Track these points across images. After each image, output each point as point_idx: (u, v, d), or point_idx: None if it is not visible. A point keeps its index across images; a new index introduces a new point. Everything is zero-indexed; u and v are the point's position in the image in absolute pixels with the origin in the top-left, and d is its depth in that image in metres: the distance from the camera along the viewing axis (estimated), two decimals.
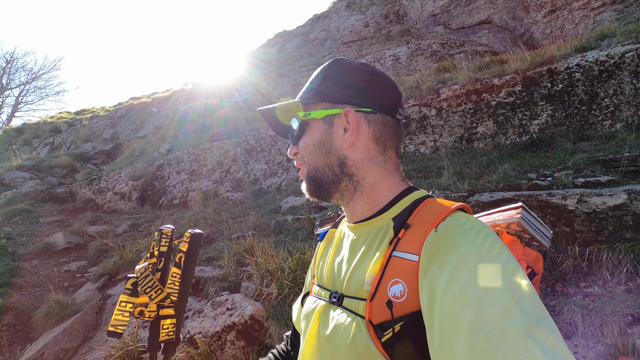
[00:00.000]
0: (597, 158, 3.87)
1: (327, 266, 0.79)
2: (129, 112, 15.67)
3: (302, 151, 0.77)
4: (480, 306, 0.46)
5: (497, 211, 0.83)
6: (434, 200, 0.69)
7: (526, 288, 0.48)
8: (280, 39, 17.50)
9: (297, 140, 0.78)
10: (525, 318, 0.44)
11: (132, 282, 0.85)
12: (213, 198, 6.55)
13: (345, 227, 0.81)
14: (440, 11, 11.93)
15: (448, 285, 0.51)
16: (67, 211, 7.58)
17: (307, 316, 0.77)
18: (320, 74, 0.77)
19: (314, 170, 0.75)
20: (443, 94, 5.67)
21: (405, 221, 0.66)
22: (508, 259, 0.53)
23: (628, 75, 4.69)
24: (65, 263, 4.99)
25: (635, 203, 3.06)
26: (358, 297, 0.65)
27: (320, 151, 0.73)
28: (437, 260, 0.56)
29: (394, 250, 0.63)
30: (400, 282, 0.60)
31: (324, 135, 0.73)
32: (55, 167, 10.17)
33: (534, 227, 0.79)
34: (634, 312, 2.33)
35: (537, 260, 0.76)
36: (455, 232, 0.58)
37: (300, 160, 0.78)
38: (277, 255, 3.07)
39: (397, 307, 0.58)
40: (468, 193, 3.80)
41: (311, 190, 0.77)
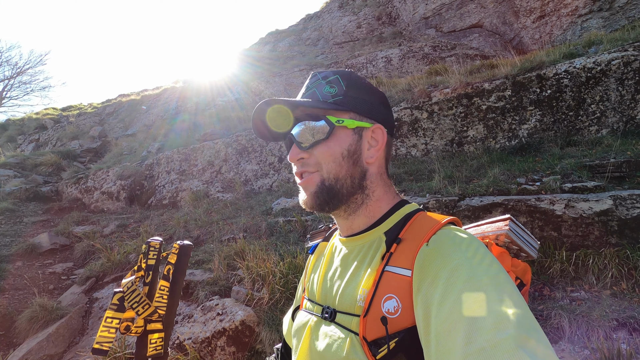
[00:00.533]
0: (583, 163, 3.95)
1: (318, 280, 0.78)
2: (117, 109, 15.41)
3: (320, 157, 0.70)
4: (473, 319, 0.47)
5: (485, 223, 0.84)
6: (424, 214, 0.70)
7: (517, 299, 0.49)
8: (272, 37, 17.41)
9: (313, 145, 0.71)
10: (517, 329, 0.44)
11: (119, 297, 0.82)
12: (203, 199, 6.48)
13: (337, 241, 0.81)
14: (432, 14, 12.02)
15: (442, 299, 0.52)
16: (53, 211, 7.41)
17: (298, 331, 0.76)
18: (341, 81, 0.74)
19: (335, 179, 0.70)
20: (434, 97, 5.71)
21: (397, 235, 0.66)
22: (498, 271, 0.54)
23: (614, 82, 4.79)
24: (51, 265, 4.88)
25: (620, 209, 3.13)
26: (351, 312, 0.64)
27: (348, 161, 0.71)
28: (430, 274, 0.56)
29: (387, 265, 0.63)
30: (393, 297, 0.60)
31: (354, 146, 0.72)
32: (41, 165, 9.94)
33: (522, 238, 0.80)
34: (619, 317, 2.38)
35: (525, 271, 0.77)
36: (447, 245, 0.59)
37: (310, 167, 0.71)
38: (269, 259, 3.05)
39: (391, 323, 0.58)
40: (459, 197, 3.83)
41: (319, 201, 0.71)
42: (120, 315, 0.82)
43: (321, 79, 0.75)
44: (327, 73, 0.76)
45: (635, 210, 3.08)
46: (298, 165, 0.73)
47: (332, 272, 0.75)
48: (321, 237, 0.93)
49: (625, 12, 7.72)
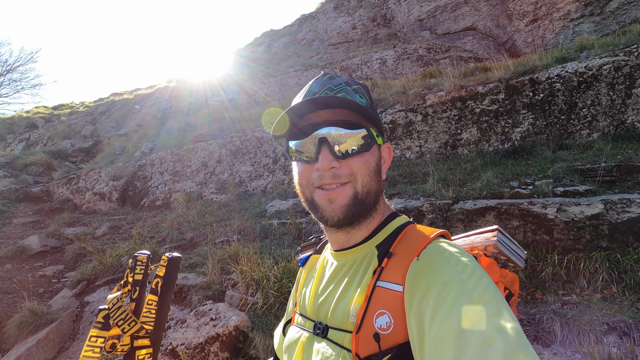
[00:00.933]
0: (575, 167, 3.99)
1: (310, 295, 0.77)
2: (109, 108, 15.24)
3: (356, 169, 0.67)
4: (462, 334, 0.47)
5: (474, 233, 0.85)
6: (414, 227, 0.71)
7: (506, 313, 0.50)
8: (267, 38, 17.36)
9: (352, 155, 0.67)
10: (506, 344, 0.44)
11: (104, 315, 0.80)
12: (197, 200, 6.44)
13: (329, 255, 0.80)
14: (427, 16, 12.08)
15: (433, 314, 0.52)
16: (43, 211, 7.30)
17: (290, 347, 0.75)
18: (366, 93, 0.73)
19: (367, 193, 0.68)
20: (429, 99, 5.74)
21: (388, 249, 0.66)
22: (488, 285, 0.54)
23: (605, 87, 4.86)
24: (41, 267, 4.81)
25: (611, 213, 3.17)
26: (343, 329, 0.64)
27: (377, 176, 0.71)
28: (421, 289, 0.56)
29: (378, 280, 0.63)
30: (386, 313, 0.59)
31: (379, 162, 0.73)
32: (31, 165, 9.79)
33: (510, 249, 0.81)
34: (609, 321, 2.41)
35: (513, 282, 0.78)
36: (437, 260, 0.59)
37: (342, 178, 0.67)
38: (263, 263, 3.04)
39: (384, 339, 0.58)
40: (452, 200, 3.85)
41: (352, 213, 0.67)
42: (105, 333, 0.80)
43: (345, 85, 0.71)
44: (347, 80, 0.73)
45: (626, 214, 3.12)
46: (328, 175, 0.67)
47: (324, 286, 0.74)
48: (312, 249, 0.91)
49: (616, 17, 7.84)
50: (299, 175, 0.72)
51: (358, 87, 0.72)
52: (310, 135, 0.69)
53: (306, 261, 0.89)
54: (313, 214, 0.72)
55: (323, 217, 0.69)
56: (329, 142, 0.67)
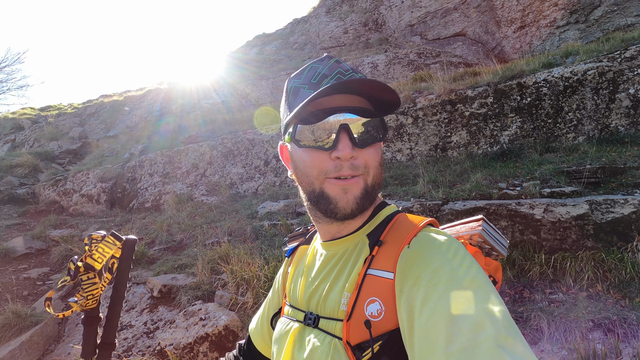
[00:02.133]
0: (561, 169, 4.08)
1: (300, 286, 0.77)
2: (99, 110, 15.05)
3: (369, 162, 0.65)
4: (453, 320, 0.48)
5: (460, 223, 0.86)
6: (404, 216, 0.71)
7: (495, 299, 0.51)
8: (259, 41, 17.39)
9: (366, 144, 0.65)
10: (496, 329, 0.45)
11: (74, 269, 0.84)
12: (187, 202, 6.38)
13: (318, 245, 0.79)
14: (417, 22, 12.25)
15: (424, 301, 0.52)
16: (29, 214, 7.16)
17: (280, 339, 0.74)
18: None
19: (373, 186, 0.67)
20: (419, 103, 5.81)
21: (379, 238, 0.66)
22: (478, 271, 0.55)
23: (590, 92, 4.98)
24: (25, 270, 4.70)
25: (596, 213, 3.24)
26: (334, 317, 0.64)
27: (382, 168, 0.70)
28: (412, 276, 0.56)
29: (369, 268, 0.63)
30: (377, 300, 0.60)
31: (382, 156, 0.71)
32: (16, 167, 9.59)
33: (494, 237, 0.82)
34: (594, 318, 2.46)
35: (497, 270, 0.79)
36: (428, 247, 0.60)
37: (360, 169, 0.65)
38: (253, 262, 3.02)
39: (375, 326, 0.58)
40: (442, 201, 3.89)
41: (362, 206, 0.66)
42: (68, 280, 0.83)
43: (352, 71, 0.68)
44: (353, 67, 0.69)
45: (610, 214, 3.19)
46: (347, 165, 0.63)
47: (314, 276, 0.74)
48: (300, 240, 0.90)
49: (600, 25, 8.06)
50: (308, 164, 0.66)
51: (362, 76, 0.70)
52: (326, 120, 0.64)
53: (293, 252, 0.88)
54: (318, 207, 0.67)
55: (335, 208, 0.65)
56: (350, 130, 0.63)
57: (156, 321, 2.86)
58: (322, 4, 16.85)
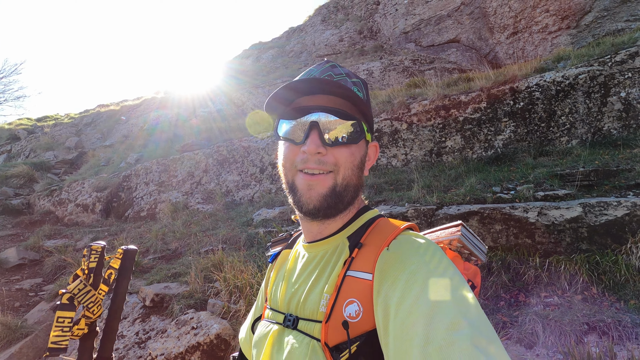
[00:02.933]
0: (555, 173, 4.08)
1: (281, 288, 0.76)
2: (95, 119, 15.06)
3: (341, 159, 0.67)
4: (430, 320, 0.48)
5: (439, 229, 0.87)
6: (385, 220, 0.72)
7: (471, 301, 0.51)
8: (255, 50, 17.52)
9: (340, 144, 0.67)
10: (472, 329, 0.46)
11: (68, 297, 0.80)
12: (183, 210, 6.35)
13: (300, 247, 0.79)
14: (412, 29, 12.38)
15: (400, 301, 0.52)
16: (23, 224, 7.10)
17: (259, 342, 0.74)
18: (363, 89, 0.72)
19: (345, 186, 0.68)
20: (413, 108, 5.84)
21: (359, 240, 0.67)
22: (454, 273, 0.55)
23: (582, 95, 5.02)
24: (18, 281, 4.64)
25: (590, 216, 3.24)
26: (313, 319, 0.64)
27: (359, 171, 0.71)
28: (390, 277, 0.57)
29: (348, 269, 0.63)
30: (355, 301, 0.60)
31: (364, 158, 0.73)
32: (12, 177, 9.54)
33: (473, 243, 0.84)
34: (589, 321, 2.44)
35: (475, 274, 0.80)
36: (406, 250, 0.60)
37: (326, 166, 0.66)
38: (246, 270, 3.00)
39: (352, 327, 0.58)
40: (437, 206, 3.89)
41: (328, 204, 0.67)
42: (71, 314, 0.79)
43: (345, 76, 0.71)
44: (348, 72, 0.72)
45: (604, 217, 3.19)
46: (313, 159, 0.66)
47: (295, 279, 0.74)
48: (283, 245, 0.91)
49: (591, 30, 8.16)
50: (283, 157, 0.71)
51: (357, 81, 0.72)
52: (301, 118, 0.68)
53: (276, 257, 0.88)
54: (291, 198, 0.71)
55: (300, 202, 0.68)
56: (319, 127, 0.66)
57: (148, 331, 2.82)
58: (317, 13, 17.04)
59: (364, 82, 0.74)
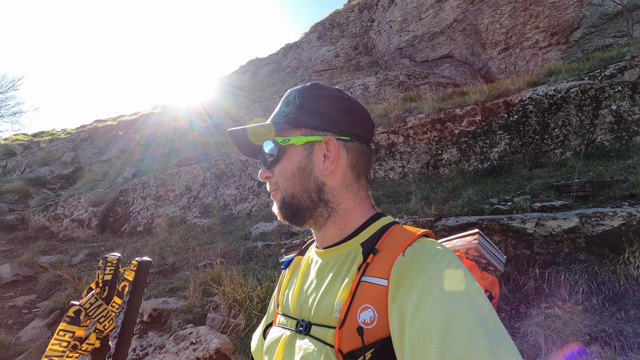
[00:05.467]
0: (551, 184, 4.13)
1: (293, 294, 0.76)
2: (92, 134, 15.06)
3: (277, 176, 0.74)
4: (447, 329, 0.47)
5: (456, 237, 0.87)
6: (400, 227, 0.71)
7: (488, 310, 0.51)
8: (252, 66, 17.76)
9: (272, 164, 0.75)
10: (489, 339, 0.45)
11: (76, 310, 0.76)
12: (180, 224, 6.31)
13: (313, 254, 0.80)
14: (406, 45, 12.66)
15: (416, 308, 0.52)
16: (17, 240, 7.01)
17: (270, 348, 0.74)
18: (297, 99, 0.74)
19: (291, 196, 0.73)
20: (410, 122, 5.92)
21: (374, 246, 0.66)
22: (471, 281, 0.55)
23: (574, 108, 5.13)
24: (11, 298, 4.55)
25: (587, 226, 3.27)
26: (326, 324, 0.63)
27: (299, 178, 0.72)
28: (406, 283, 0.57)
29: (363, 275, 0.63)
30: (370, 307, 0.59)
31: (304, 162, 0.72)
32: (6, 193, 9.46)
33: (490, 252, 0.82)
34: (591, 332, 2.43)
35: (493, 285, 0.79)
36: (422, 256, 0.60)
37: (274, 185, 0.76)
38: (246, 284, 2.97)
39: (367, 333, 0.58)
40: (435, 218, 3.90)
41: (286, 215, 0.75)
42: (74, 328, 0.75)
43: (284, 99, 0.78)
44: (291, 91, 0.78)
45: (600, 227, 3.22)
46: (268, 183, 0.77)
47: (308, 284, 0.74)
48: (296, 251, 0.91)
49: (580, 46, 8.40)
50: None
51: (292, 96, 0.75)
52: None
53: (289, 264, 0.89)
54: None
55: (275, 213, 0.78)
56: (261, 158, 0.77)
57: (145, 347, 2.77)
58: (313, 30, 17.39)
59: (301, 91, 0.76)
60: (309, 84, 0.77)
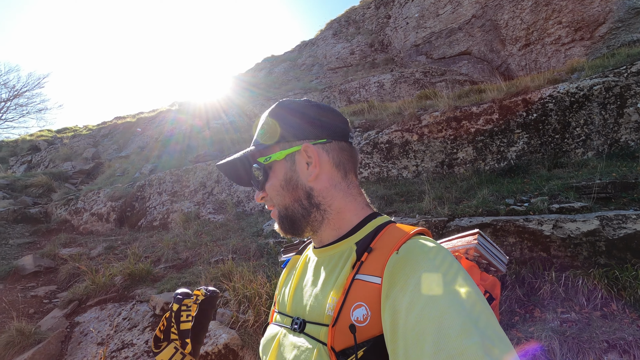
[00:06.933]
0: (570, 185, 4.00)
1: (289, 292, 0.78)
2: (112, 131, 15.48)
3: (270, 193, 0.77)
4: (440, 327, 0.47)
5: (456, 237, 0.86)
6: (395, 226, 0.71)
7: (482, 307, 0.50)
8: (268, 63, 17.85)
9: (262, 185, 0.77)
10: (482, 337, 0.45)
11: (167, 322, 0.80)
12: (194, 220, 6.42)
13: (310, 253, 0.81)
14: (423, 42, 12.46)
15: (410, 306, 0.52)
16: (40, 232, 7.27)
17: (266, 345, 0.75)
18: (269, 118, 0.78)
19: (285, 208, 0.75)
20: (424, 120, 5.83)
21: (369, 245, 0.67)
22: (465, 279, 0.55)
23: (597, 107, 4.94)
24: (33, 288, 4.73)
25: (607, 229, 3.14)
26: (320, 322, 0.64)
27: (287, 189, 0.74)
28: (399, 281, 0.56)
29: (357, 273, 0.63)
30: (363, 305, 0.59)
31: (289, 173, 0.74)
32: (31, 187, 9.83)
33: (491, 252, 0.82)
34: (609, 339, 2.34)
35: (494, 285, 0.78)
36: (416, 253, 0.60)
37: (269, 202, 0.78)
38: (255, 280, 2.99)
39: (360, 331, 0.58)
40: (448, 218, 3.83)
41: (285, 229, 0.77)
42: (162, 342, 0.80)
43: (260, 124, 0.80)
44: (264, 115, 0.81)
45: (622, 230, 3.10)
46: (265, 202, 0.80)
47: (304, 282, 0.75)
48: (294, 251, 0.93)
49: (606, 42, 8.07)
50: None
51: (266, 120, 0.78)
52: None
53: (288, 263, 0.91)
54: None
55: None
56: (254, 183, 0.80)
57: None
58: (329, 27, 17.33)
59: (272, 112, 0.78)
60: (277, 102, 0.80)
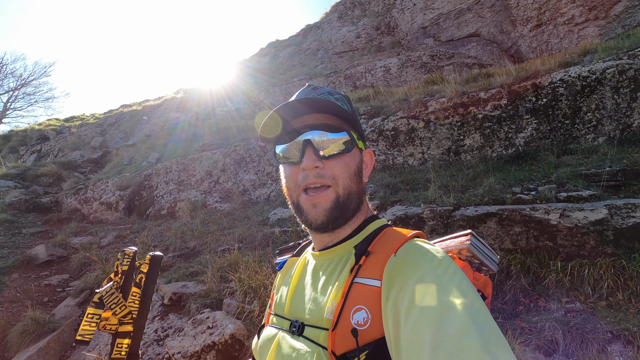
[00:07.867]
0: (579, 172, 3.92)
1: (287, 295, 0.78)
2: (119, 119, 15.55)
3: (337, 171, 0.70)
4: (439, 325, 0.48)
5: (449, 238, 0.88)
6: (392, 229, 0.73)
7: (479, 306, 0.51)
8: (273, 48, 17.60)
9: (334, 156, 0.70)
10: (480, 334, 0.46)
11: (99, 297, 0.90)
12: (201, 209, 6.48)
13: (309, 255, 0.81)
14: (430, 24, 12.13)
15: (410, 306, 0.52)
16: (52, 222, 7.43)
17: (264, 347, 0.75)
18: (347, 102, 0.78)
19: (348, 195, 0.70)
20: (431, 106, 5.73)
21: (367, 249, 0.68)
22: (462, 279, 0.55)
23: (609, 91, 4.79)
24: (46, 277, 4.87)
25: (616, 218, 3.10)
26: (319, 326, 0.64)
27: (357, 178, 0.74)
28: (399, 282, 0.57)
29: (356, 277, 0.64)
30: (363, 308, 0.60)
31: (360, 165, 0.76)
32: (41, 176, 9.99)
33: (483, 252, 0.83)
34: (613, 329, 2.34)
35: (486, 285, 0.80)
36: (414, 255, 0.61)
37: (326, 180, 0.69)
38: (261, 271, 3.03)
39: (361, 334, 0.58)
40: (453, 207, 3.81)
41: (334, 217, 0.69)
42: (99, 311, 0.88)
43: (328, 94, 0.76)
44: (330, 90, 0.78)
45: (631, 219, 3.05)
46: (312, 173, 0.69)
47: (302, 285, 0.75)
48: (290, 253, 0.93)
49: (621, 21, 7.77)
50: (286, 179, 0.75)
51: (340, 97, 0.77)
52: (295, 139, 0.72)
53: (284, 265, 0.91)
54: (298, 217, 0.74)
55: (308, 220, 0.71)
56: (312, 144, 0.70)
57: (166, 329, 2.90)
58: (334, 10, 16.94)
59: (346, 97, 0.79)
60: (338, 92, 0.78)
